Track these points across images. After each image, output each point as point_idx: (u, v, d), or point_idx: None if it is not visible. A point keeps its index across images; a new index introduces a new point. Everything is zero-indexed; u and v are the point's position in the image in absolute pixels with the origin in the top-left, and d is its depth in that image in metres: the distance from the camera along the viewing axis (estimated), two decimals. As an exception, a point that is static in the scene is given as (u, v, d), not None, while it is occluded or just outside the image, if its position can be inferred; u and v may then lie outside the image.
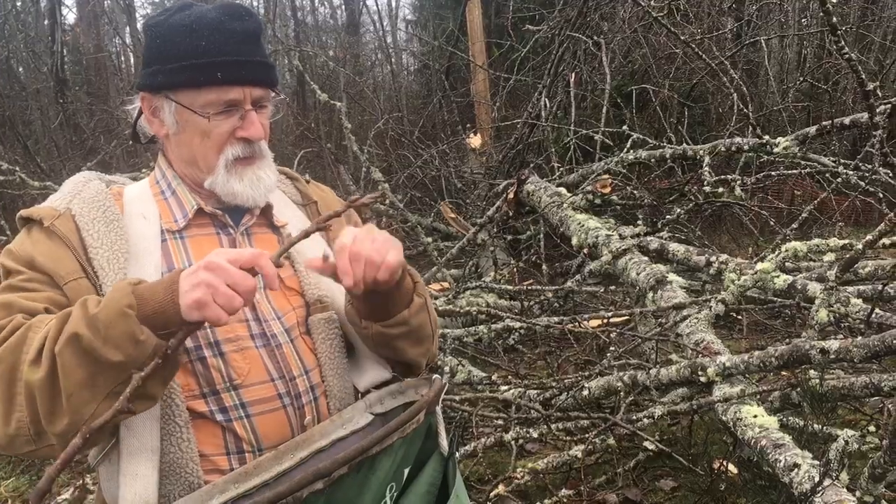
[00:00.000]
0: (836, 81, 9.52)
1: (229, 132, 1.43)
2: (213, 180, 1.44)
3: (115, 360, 1.14)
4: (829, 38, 4.17)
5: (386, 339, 1.45)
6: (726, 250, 6.37)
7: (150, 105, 1.45)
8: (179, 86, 1.40)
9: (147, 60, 1.43)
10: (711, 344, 3.40)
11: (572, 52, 8.04)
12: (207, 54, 1.38)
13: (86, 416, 1.15)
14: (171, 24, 1.41)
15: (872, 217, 7.46)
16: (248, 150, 1.45)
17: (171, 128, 1.44)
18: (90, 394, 1.15)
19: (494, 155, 8.73)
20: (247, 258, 1.19)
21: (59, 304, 1.28)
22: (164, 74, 1.40)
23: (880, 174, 4.95)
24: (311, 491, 1.20)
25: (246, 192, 1.44)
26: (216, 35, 1.39)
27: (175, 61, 1.39)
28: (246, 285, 1.17)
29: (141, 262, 1.36)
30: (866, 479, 2.54)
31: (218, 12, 1.41)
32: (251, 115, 1.44)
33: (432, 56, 12.21)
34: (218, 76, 1.39)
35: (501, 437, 3.34)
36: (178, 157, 1.48)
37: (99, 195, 1.42)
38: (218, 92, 1.40)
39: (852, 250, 3.36)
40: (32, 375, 1.15)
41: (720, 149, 5.51)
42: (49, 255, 1.32)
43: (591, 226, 4.94)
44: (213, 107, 1.40)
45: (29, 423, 1.17)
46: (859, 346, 2.71)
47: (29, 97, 12.55)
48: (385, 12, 17.88)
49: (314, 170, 8.87)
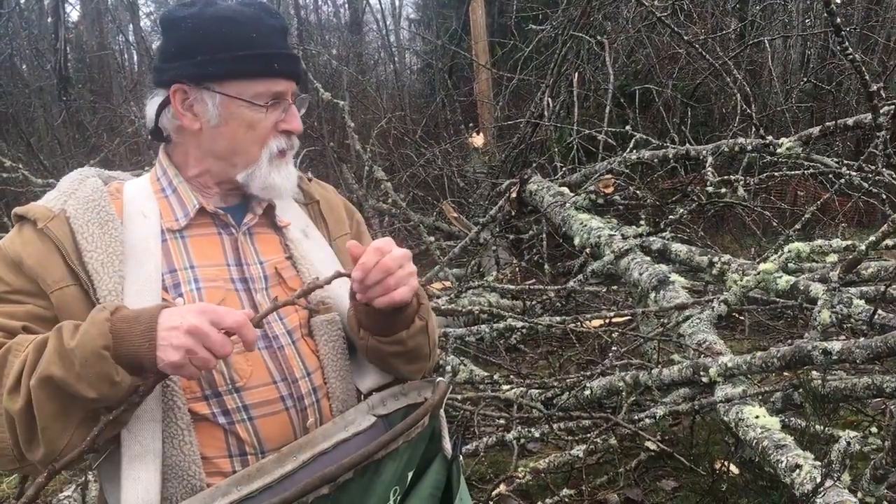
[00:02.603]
0: (839, 82, 9.50)
1: (274, 125, 1.43)
2: (252, 173, 1.43)
3: (88, 396, 1.17)
4: (833, 38, 4.17)
5: (381, 355, 1.46)
6: (729, 251, 6.36)
7: (185, 97, 1.41)
8: (230, 76, 1.38)
9: (185, 51, 1.39)
10: (713, 344, 3.40)
11: (575, 52, 8.04)
12: (261, 45, 1.38)
13: (60, 447, 1.19)
14: (210, 16, 1.39)
15: (875, 218, 7.46)
16: (288, 144, 1.46)
17: (211, 120, 1.40)
18: (62, 426, 1.19)
19: (497, 154, 8.75)
20: (229, 323, 1.20)
21: (41, 318, 1.28)
22: (215, 64, 1.37)
23: (883, 175, 4.94)
24: (317, 496, 1.20)
25: (284, 185, 1.45)
26: (262, 28, 1.39)
27: (226, 51, 1.37)
28: (224, 352, 1.20)
29: (141, 263, 1.35)
30: (868, 481, 2.54)
31: (253, 8, 1.42)
32: (293, 109, 1.45)
33: (435, 55, 12.21)
34: (274, 67, 1.39)
35: (503, 436, 3.35)
36: (208, 152, 1.44)
37: (95, 194, 1.39)
38: (267, 84, 1.40)
39: (855, 251, 3.36)
40: (12, 405, 1.18)
41: (723, 149, 5.51)
42: (38, 259, 1.30)
43: (593, 226, 4.94)
44: (262, 98, 1.40)
45: (11, 445, 1.20)
46: (861, 347, 2.71)
47: (32, 95, 12.55)
48: (388, 11, 17.85)
49: (317, 168, 8.86)
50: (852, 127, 5.10)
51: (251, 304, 1.41)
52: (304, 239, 1.53)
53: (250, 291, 1.42)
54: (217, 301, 1.37)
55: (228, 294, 1.39)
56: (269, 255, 1.48)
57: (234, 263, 1.44)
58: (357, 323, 1.45)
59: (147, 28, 16.42)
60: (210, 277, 1.39)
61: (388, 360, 1.48)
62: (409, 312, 1.43)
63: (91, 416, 1.22)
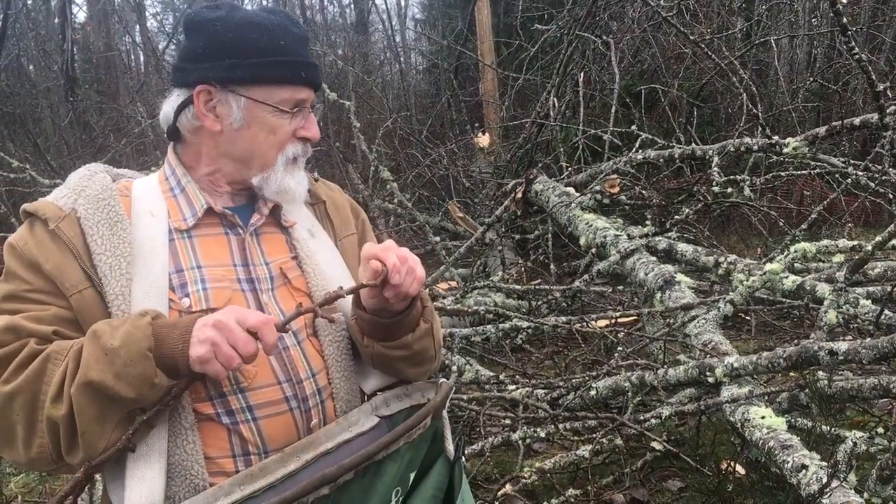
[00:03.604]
0: (846, 82, 9.47)
1: (293, 131, 1.46)
2: (267, 177, 1.45)
3: (127, 396, 1.21)
4: (840, 38, 4.16)
5: (386, 360, 1.47)
6: (735, 251, 6.35)
7: (210, 98, 1.42)
8: (258, 81, 1.41)
9: (213, 53, 1.40)
10: (719, 344, 3.39)
11: (581, 52, 8.03)
12: (289, 53, 1.42)
13: (99, 449, 1.23)
14: (238, 21, 1.41)
15: (882, 218, 7.42)
16: (304, 151, 1.49)
17: (234, 123, 1.42)
18: (101, 428, 1.22)
19: (503, 154, 8.74)
20: (253, 322, 1.23)
21: (66, 321, 1.30)
22: (244, 68, 1.39)
23: (890, 175, 4.92)
24: (317, 496, 1.21)
25: (297, 189, 1.48)
26: (289, 36, 1.42)
27: (256, 56, 1.39)
28: (247, 350, 1.23)
29: (148, 262, 1.35)
30: (874, 481, 2.53)
31: (278, 17, 1.45)
32: (312, 116, 1.49)
33: (441, 55, 12.21)
34: (302, 75, 1.43)
35: (509, 436, 3.35)
36: (225, 153, 1.45)
37: (104, 192, 1.39)
38: (293, 90, 1.43)
39: (862, 251, 3.35)
40: (56, 412, 1.21)
41: (729, 149, 5.49)
42: (55, 261, 1.31)
43: (599, 226, 4.94)
44: (286, 104, 1.43)
45: (51, 450, 1.24)
46: (868, 347, 2.70)
47: (39, 95, 12.60)
48: (394, 11, 17.86)
49: (323, 168, 8.87)
50: (859, 127, 5.07)
51: (257, 304, 1.41)
52: (310, 239, 1.54)
53: (256, 292, 1.43)
54: (223, 302, 1.37)
55: (235, 295, 1.40)
56: (275, 256, 1.48)
57: (240, 264, 1.44)
58: (360, 331, 1.46)
59: (153, 29, 16.48)
60: (217, 278, 1.40)
61: (394, 365, 1.48)
62: (414, 315, 1.44)
63: (127, 417, 1.25)
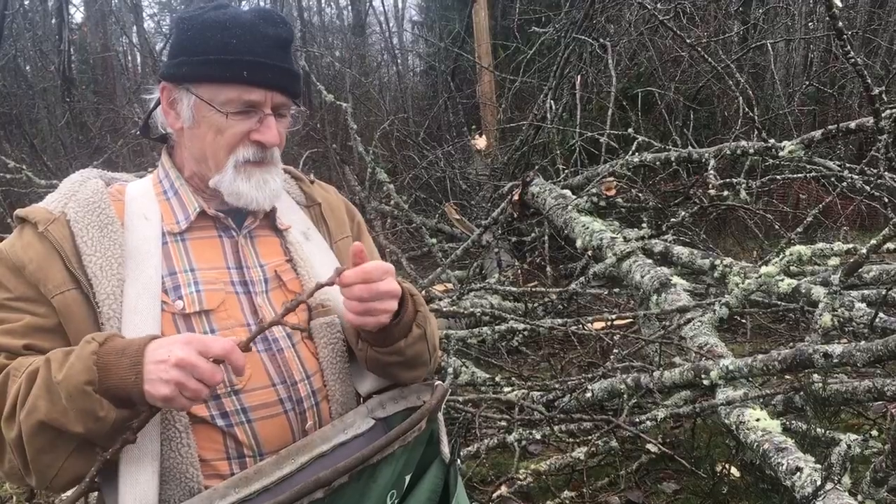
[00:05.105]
0: (842, 85, 9.50)
1: (244, 133, 1.41)
2: (220, 179, 1.42)
3: (75, 430, 1.18)
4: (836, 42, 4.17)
5: (380, 364, 1.46)
6: (731, 253, 6.36)
7: (170, 96, 1.44)
8: (202, 79, 1.39)
9: (174, 52, 1.43)
10: (715, 347, 3.40)
11: (578, 55, 8.05)
12: (236, 52, 1.38)
13: (50, 477, 1.22)
14: (204, 20, 1.40)
15: (877, 221, 7.43)
16: (260, 155, 1.43)
17: (186, 121, 1.42)
18: (51, 458, 1.21)
19: (499, 156, 8.76)
20: (217, 351, 1.20)
21: (41, 329, 1.29)
22: (189, 66, 1.39)
23: (885, 178, 4.95)
24: (312, 500, 1.20)
25: (251, 194, 1.42)
26: (248, 35, 1.39)
27: (202, 54, 1.38)
28: (214, 380, 1.20)
29: (140, 264, 1.35)
30: (868, 484, 2.54)
31: (253, 15, 1.42)
32: (269, 120, 1.42)
33: (438, 57, 12.23)
34: (244, 74, 1.38)
35: (504, 438, 3.35)
36: (189, 153, 1.46)
37: (95, 196, 1.39)
38: (240, 91, 1.39)
39: (857, 254, 3.36)
40: (9, 433, 1.21)
41: (725, 152, 5.50)
42: (39, 262, 1.31)
43: (595, 228, 4.94)
44: (233, 105, 1.39)
45: (20, 466, 1.23)
46: (862, 350, 2.71)
47: (36, 96, 12.59)
48: (391, 13, 17.90)
49: (319, 170, 8.88)
50: (854, 130, 5.09)
51: (251, 307, 1.41)
52: (305, 241, 1.53)
53: (250, 294, 1.42)
54: (217, 303, 1.37)
55: (228, 297, 1.40)
56: (270, 258, 1.48)
57: (234, 266, 1.44)
58: (355, 334, 1.46)
59: (150, 30, 16.46)
60: (210, 280, 1.40)
61: (388, 369, 1.48)
62: (407, 321, 1.43)
63: (86, 443, 1.22)
